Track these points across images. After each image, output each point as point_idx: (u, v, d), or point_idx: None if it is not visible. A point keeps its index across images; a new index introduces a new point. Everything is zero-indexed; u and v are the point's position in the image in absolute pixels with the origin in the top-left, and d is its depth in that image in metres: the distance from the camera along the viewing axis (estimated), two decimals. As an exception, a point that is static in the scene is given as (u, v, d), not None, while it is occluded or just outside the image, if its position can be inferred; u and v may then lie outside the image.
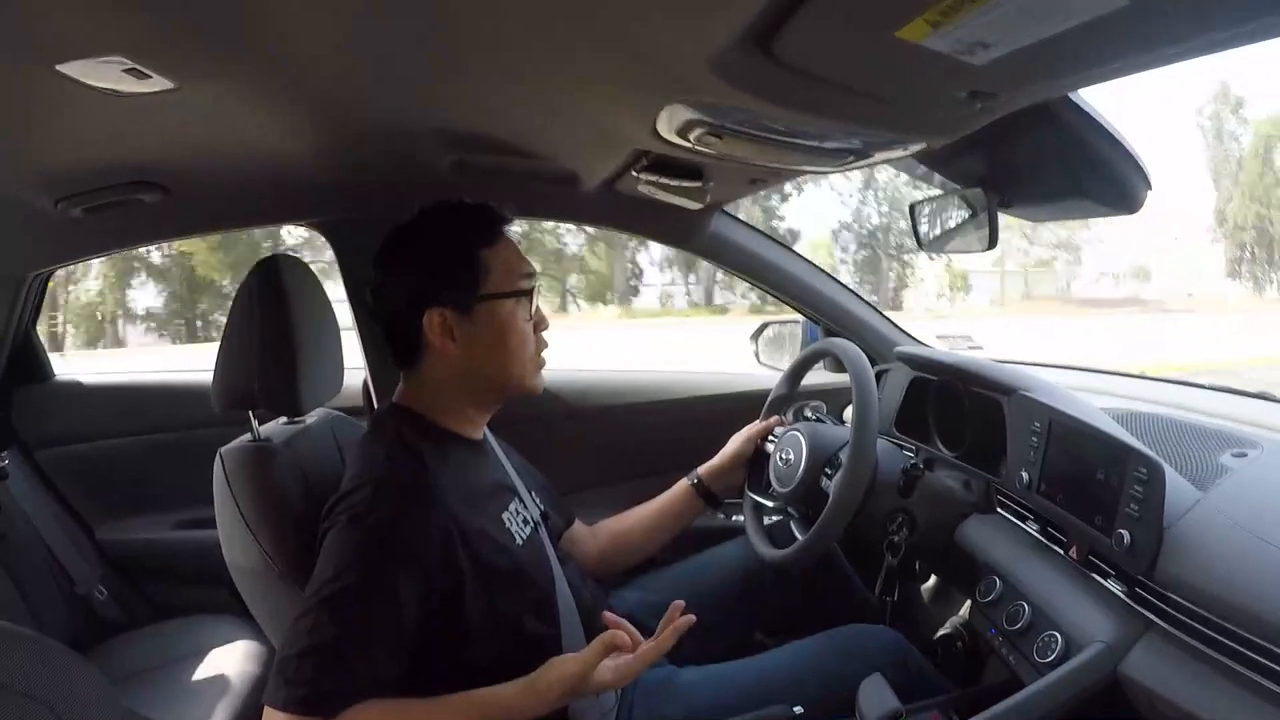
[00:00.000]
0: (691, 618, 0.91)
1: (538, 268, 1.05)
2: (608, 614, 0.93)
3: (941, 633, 1.22)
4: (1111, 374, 1.67)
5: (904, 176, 1.52)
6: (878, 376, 1.42)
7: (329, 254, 1.49)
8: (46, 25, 0.66)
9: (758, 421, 1.34)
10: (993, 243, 1.19)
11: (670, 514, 1.27)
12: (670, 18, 0.65)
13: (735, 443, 1.31)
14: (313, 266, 1.13)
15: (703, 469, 1.29)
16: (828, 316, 1.64)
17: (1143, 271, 23.12)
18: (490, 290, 0.97)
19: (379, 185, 1.31)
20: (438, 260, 0.97)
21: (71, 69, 0.73)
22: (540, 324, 1.03)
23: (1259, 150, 20.88)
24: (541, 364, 1.03)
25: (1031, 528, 1.05)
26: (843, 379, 1.22)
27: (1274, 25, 0.57)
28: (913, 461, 1.18)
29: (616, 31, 0.70)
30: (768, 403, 1.39)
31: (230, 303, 1.06)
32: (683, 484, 1.28)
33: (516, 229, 1.08)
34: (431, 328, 0.95)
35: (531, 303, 1.00)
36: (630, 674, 0.87)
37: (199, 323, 17.45)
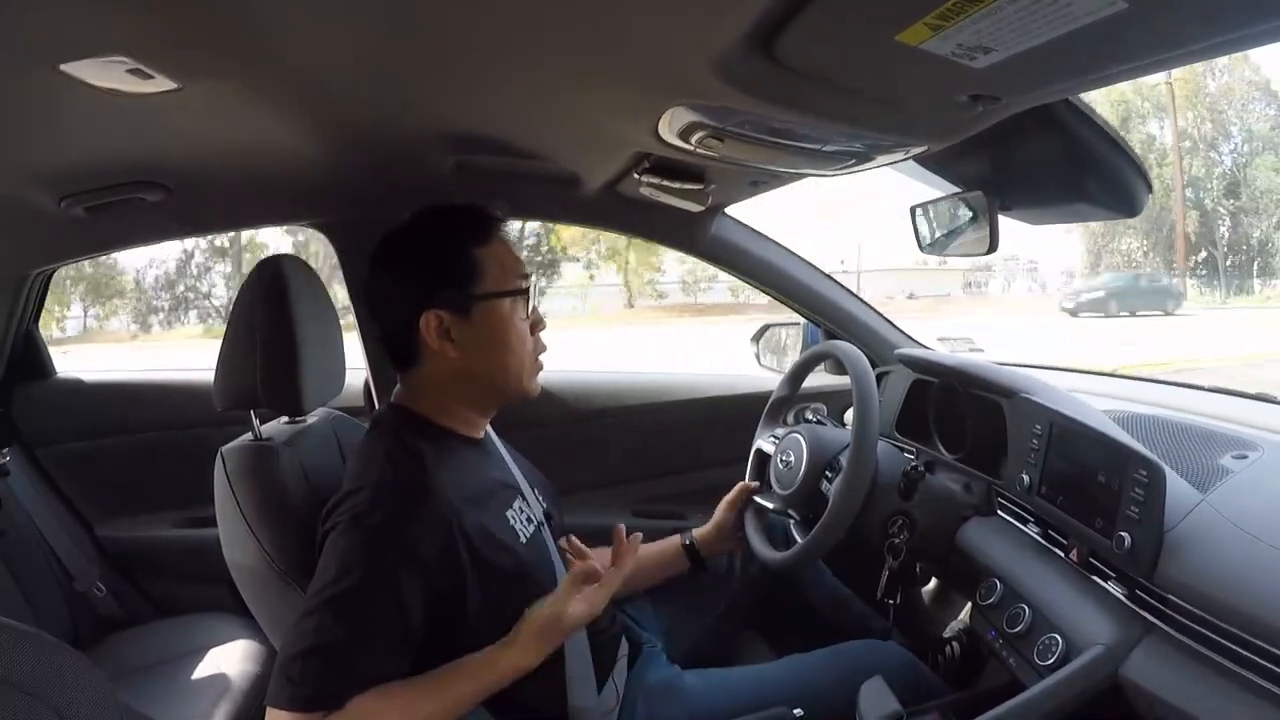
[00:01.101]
0: (639, 534, 0.98)
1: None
2: (571, 541, 1.00)
3: (942, 636, 1.22)
4: (1112, 376, 1.67)
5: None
6: (878, 379, 1.42)
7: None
8: (49, 25, 0.66)
9: (739, 485, 1.31)
10: (993, 246, 1.19)
11: (656, 566, 1.26)
12: (673, 20, 0.65)
13: (719, 512, 1.29)
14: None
15: (697, 532, 1.27)
16: (828, 318, 1.64)
17: (1069, 272, 22.38)
18: (487, 290, 0.96)
19: (381, 186, 1.32)
20: (433, 262, 0.96)
21: (74, 69, 0.73)
22: (537, 324, 1.02)
23: (1113, 121, 19.10)
24: (539, 366, 1.03)
25: (1032, 530, 1.05)
26: (843, 381, 1.22)
27: (1275, 30, 0.57)
28: (913, 464, 1.17)
29: (619, 33, 0.70)
30: (768, 405, 1.39)
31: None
32: (674, 541, 1.27)
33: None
34: (429, 330, 0.94)
35: (528, 302, 1.00)
36: (600, 602, 0.91)
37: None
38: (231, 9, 0.66)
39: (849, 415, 1.23)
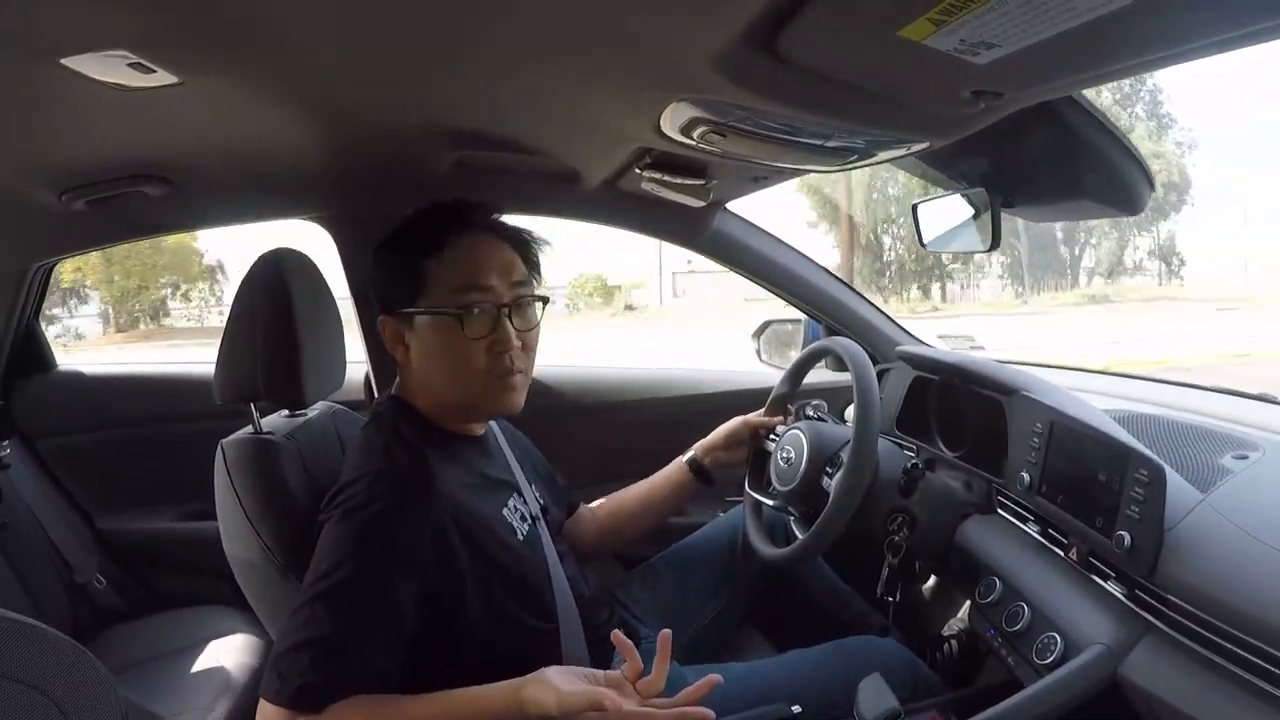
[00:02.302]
0: (718, 677, 0.83)
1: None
2: (618, 635, 0.85)
3: (941, 633, 1.22)
4: (1113, 375, 1.67)
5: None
6: (879, 376, 1.41)
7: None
8: (50, 19, 0.66)
9: (761, 413, 1.33)
10: (995, 243, 1.19)
11: (664, 489, 1.28)
12: (673, 16, 0.65)
13: (733, 422, 1.31)
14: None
15: (696, 445, 1.30)
16: (829, 315, 1.64)
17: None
18: (425, 305, 0.93)
19: (381, 181, 1.31)
20: (386, 269, 0.98)
21: (75, 63, 0.73)
22: (497, 343, 0.94)
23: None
24: (511, 385, 0.96)
25: (1032, 529, 1.05)
26: (844, 378, 1.21)
27: None
28: (914, 461, 1.17)
29: (619, 29, 0.69)
30: (769, 401, 1.38)
31: None
32: (677, 461, 1.29)
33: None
34: (385, 334, 0.97)
35: (493, 320, 0.94)
36: (628, 714, 0.79)
37: None
38: (233, 3, 0.66)
39: (850, 412, 1.23)
